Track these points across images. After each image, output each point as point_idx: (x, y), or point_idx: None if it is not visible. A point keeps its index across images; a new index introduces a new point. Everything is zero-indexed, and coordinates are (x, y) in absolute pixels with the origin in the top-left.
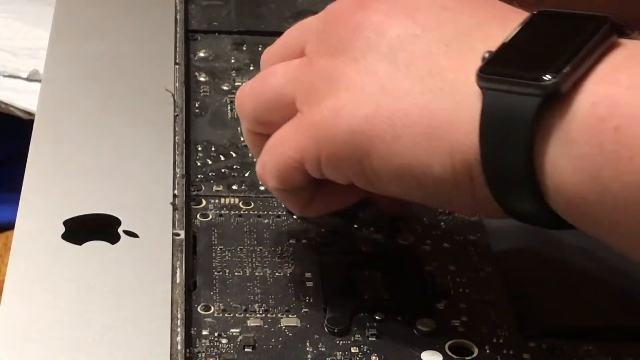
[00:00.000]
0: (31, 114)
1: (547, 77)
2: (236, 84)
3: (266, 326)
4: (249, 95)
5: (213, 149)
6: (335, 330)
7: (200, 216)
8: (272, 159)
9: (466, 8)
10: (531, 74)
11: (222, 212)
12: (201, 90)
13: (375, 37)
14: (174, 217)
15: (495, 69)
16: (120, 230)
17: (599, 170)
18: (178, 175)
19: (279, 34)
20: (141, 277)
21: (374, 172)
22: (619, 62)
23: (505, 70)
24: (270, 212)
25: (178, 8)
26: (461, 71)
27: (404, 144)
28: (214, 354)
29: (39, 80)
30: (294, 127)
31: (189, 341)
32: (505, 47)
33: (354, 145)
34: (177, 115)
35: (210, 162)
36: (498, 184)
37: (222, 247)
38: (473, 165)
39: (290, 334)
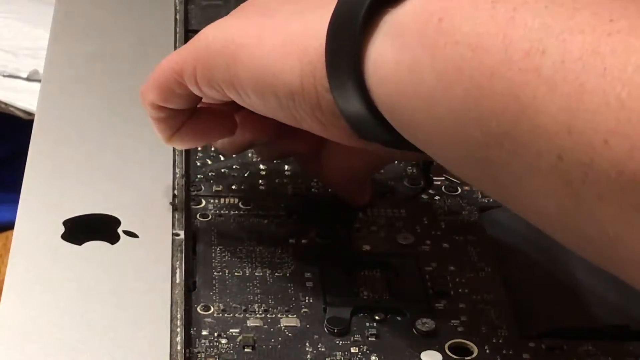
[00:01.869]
0: (31, 114)
1: None
2: None
3: (266, 326)
4: None
5: (213, 149)
6: (335, 330)
7: (200, 216)
8: (156, 71)
9: None
10: None
11: (222, 212)
12: None
13: None
14: (173, 217)
15: None
16: (120, 230)
17: (417, 59)
18: (178, 175)
19: None
20: (141, 277)
21: (239, 80)
22: None
23: None
24: (270, 212)
25: (178, 8)
26: None
27: (264, 49)
28: (213, 354)
29: (39, 80)
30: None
31: (188, 341)
32: None
33: (224, 52)
34: None
35: (210, 162)
36: (334, 82)
37: (221, 247)
38: (317, 68)
39: (290, 334)
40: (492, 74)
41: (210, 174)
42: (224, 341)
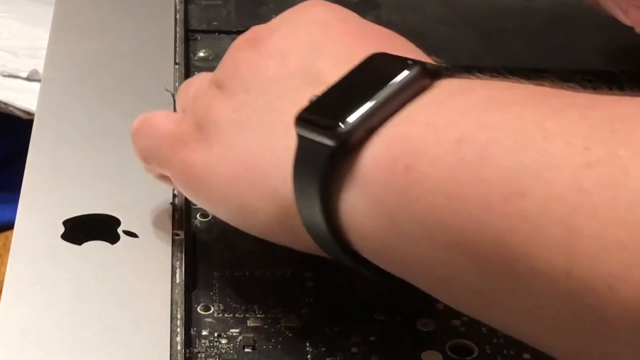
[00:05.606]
0: (31, 114)
1: (341, 125)
2: None
3: (266, 326)
4: None
5: None
6: (335, 330)
7: (200, 216)
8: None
9: (339, 48)
10: (331, 122)
11: None
12: None
13: (249, 75)
14: (173, 217)
15: (310, 114)
16: (120, 230)
17: (393, 211)
18: None
19: None
20: (141, 277)
21: (214, 209)
22: (423, 103)
23: (314, 117)
24: None
25: (178, 8)
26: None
27: (238, 188)
28: (213, 354)
29: (39, 80)
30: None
31: (188, 341)
32: (328, 91)
33: (192, 185)
34: None
35: None
36: (310, 232)
37: (221, 247)
38: (291, 210)
39: (290, 334)
40: (476, 222)
41: None
42: (224, 341)
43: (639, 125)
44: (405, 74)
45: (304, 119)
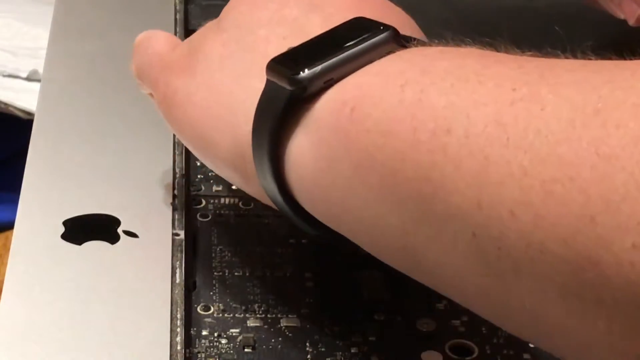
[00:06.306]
0: (30, 114)
1: (302, 73)
2: None
3: (266, 326)
4: None
5: None
6: (335, 330)
7: (200, 216)
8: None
9: (335, 9)
10: (295, 69)
11: (222, 212)
12: None
13: (246, 12)
14: (173, 217)
15: (281, 61)
16: (120, 230)
17: (333, 153)
18: (178, 175)
19: None
20: (141, 277)
21: (183, 136)
22: (383, 60)
23: (283, 64)
24: (270, 212)
25: (178, 8)
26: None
27: (205, 119)
28: (213, 354)
29: (39, 80)
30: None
31: (188, 341)
32: (304, 44)
33: (170, 110)
34: None
35: None
36: (259, 175)
37: (221, 247)
38: (246, 151)
39: (290, 334)
40: (403, 159)
41: (210, 174)
42: (224, 341)
43: (565, 73)
44: (374, 37)
45: (274, 65)
